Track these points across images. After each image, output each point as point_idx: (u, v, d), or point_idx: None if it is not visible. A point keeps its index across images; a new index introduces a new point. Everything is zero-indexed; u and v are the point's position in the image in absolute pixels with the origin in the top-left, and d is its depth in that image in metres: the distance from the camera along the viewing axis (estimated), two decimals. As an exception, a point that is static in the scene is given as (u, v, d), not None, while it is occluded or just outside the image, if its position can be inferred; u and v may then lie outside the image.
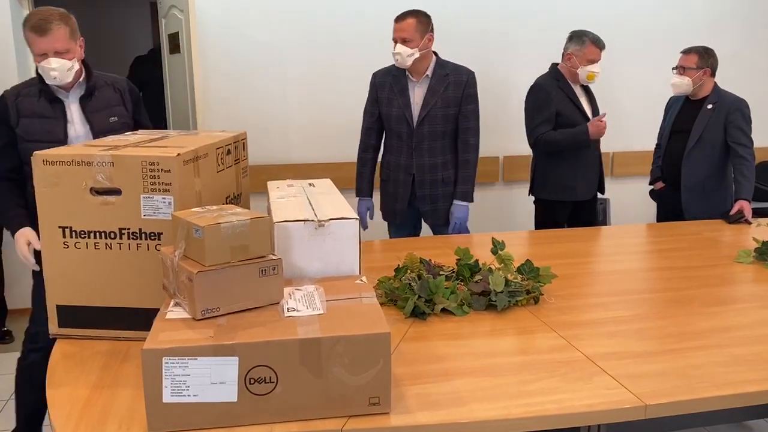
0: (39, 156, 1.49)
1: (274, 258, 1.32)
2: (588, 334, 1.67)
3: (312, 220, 1.48)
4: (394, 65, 2.92)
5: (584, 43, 3.13)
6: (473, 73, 2.94)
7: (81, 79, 2.20)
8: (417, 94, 2.91)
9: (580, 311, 1.84)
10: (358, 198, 3.06)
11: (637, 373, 1.45)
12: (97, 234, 1.51)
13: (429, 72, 2.90)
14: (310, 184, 1.90)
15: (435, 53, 2.94)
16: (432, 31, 2.88)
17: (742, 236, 2.69)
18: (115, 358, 1.49)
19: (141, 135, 1.81)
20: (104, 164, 1.48)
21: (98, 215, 1.50)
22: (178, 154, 1.47)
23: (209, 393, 1.17)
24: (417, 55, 2.82)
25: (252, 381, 1.18)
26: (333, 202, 1.67)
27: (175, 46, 3.85)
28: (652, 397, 1.35)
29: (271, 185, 1.87)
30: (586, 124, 3.10)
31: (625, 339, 1.64)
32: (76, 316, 1.56)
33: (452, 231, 2.97)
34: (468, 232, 3.01)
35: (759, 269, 2.23)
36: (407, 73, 2.90)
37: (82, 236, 1.52)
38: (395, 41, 2.84)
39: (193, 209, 1.39)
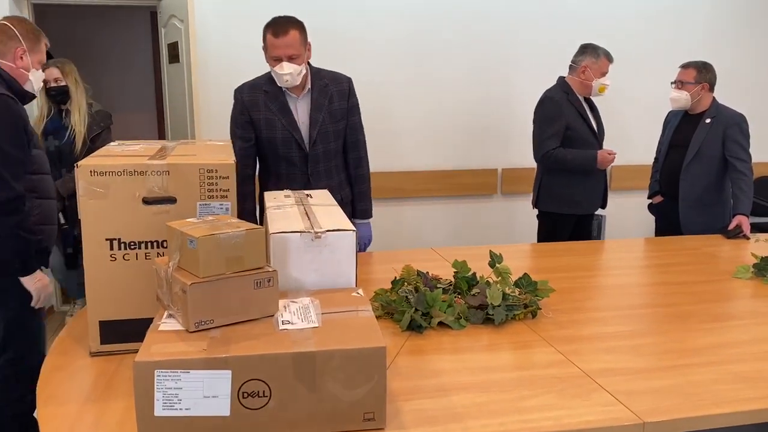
0: (85, 167, 1.44)
1: (269, 270, 1.30)
2: (586, 350, 1.65)
3: (309, 232, 1.47)
4: (260, 78, 2.59)
5: (599, 56, 3.18)
6: (351, 79, 2.65)
7: None
8: (301, 112, 2.57)
9: (578, 326, 1.82)
10: None
11: (635, 389, 1.44)
12: (149, 244, 1.49)
13: (308, 85, 2.56)
14: (307, 195, 1.89)
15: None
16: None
17: (740, 251, 2.68)
18: (107, 370, 1.47)
19: (144, 145, 1.78)
20: (159, 173, 1.46)
21: (150, 225, 1.48)
22: (234, 161, 1.50)
23: (202, 406, 1.15)
24: (304, 71, 2.49)
25: (245, 395, 1.16)
26: (330, 213, 1.66)
27: (174, 56, 3.85)
28: (650, 414, 1.33)
29: (268, 195, 1.86)
30: (597, 151, 3.13)
31: (623, 355, 1.63)
32: (120, 331, 1.53)
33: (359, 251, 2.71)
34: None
35: (758, 285, 2.22)
36: (284, 88, 2.54)
37: (132, 247, 1.49)
38: (279, 59, 2.43)
39: (187, 219, 1.38)
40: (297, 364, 1.17)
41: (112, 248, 1.49)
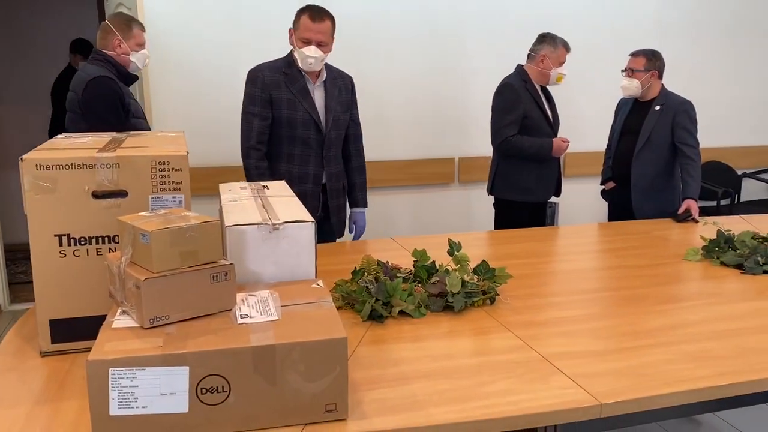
0: (30, 160, 1.38)
1: (225, 263, 1.28)
2: (543, 334, 1.68)
3: (266, 224, 1.45)
4: (276, 62, 2.71)
5: (557, 45, 3.21)
6: (352, 77, 2.87)
7: None
8: (317, 97, 2.71)
9: (535, 311, 1.85)
10: None
11: (592, 372, 1.47)
12: (100, 239, 1.45)
13: (324, 74, 2.73)
14: (264, 187, 1.86)
15: None
16: None
17: (689, 234, 2.76)
18: (59, 370, 1.43)
19: (93, 137, 1.72)
20: (109, 166, 1.42)
21: (101, 219, 1.44)
22: (187, 152, 1.46)
23: (159, 404, 1.13)
24: (326, 60, 2.69)
25: (204, 391, 1.14)
26: (287, 204, 1.64)
27: (123, 45, 3.74)
28: (607, 396, 1.36)
29: (223, 187, 1.83)
30: (552, 139, 3.17)
31: (579, 338, 1.66)
32: (71, 329, 1.48)
33: (355, 239, 2.92)
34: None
35: (707, 266, 2.29)
36: (303, 73, 2.68)
37: (83, 243, 1.44)
38: (308, 42, 2.59)
39: (139, 213, 1.34)
40: (256, 357, 1.15)
41: (61, 244, 1.44)
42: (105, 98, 2.63)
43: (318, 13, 2.61)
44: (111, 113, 2.62)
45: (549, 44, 3.21)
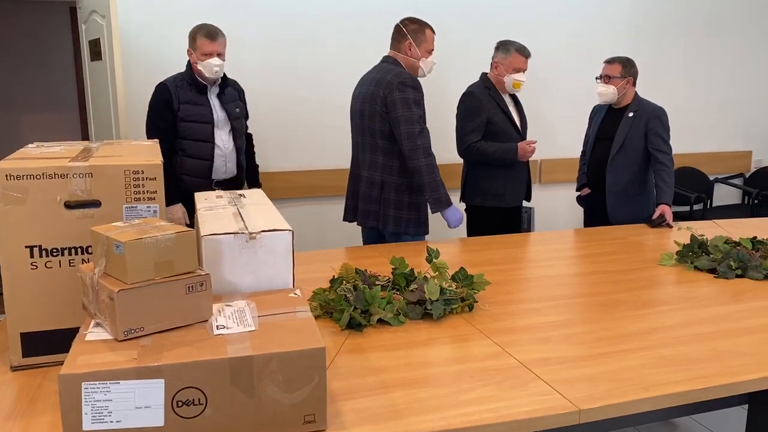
0: (0, 170, 1.35)
1: (201, 273, 1.26)
2: (521, 340, 1.69)
3: (243, 233, 1.43)
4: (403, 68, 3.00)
5: (509, 51, 3.21)
6: None
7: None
8: None
9: (513, 317, 1.85)
10: (451, 207, 2.89)
11: (570, 378, 1.47)
12: (73, 250, 1.42)
13: None
14: (240, 195, 1.84)
15: None
16: None
17: (664, 239, 2.80)
18: (31, 384, 1.39)
19: (65, 146, 1.69)
20: (82, 176, 1.40)
21: (74, 230, 1.41)
22: (161, 161, 1.45)
23: (134, 418, 1.11)
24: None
25: (180, 404, 1.12)
26: (265, 213, 1.62)
27: (96, 53, 3.69)
28: (585, 401, 1.36)
29: (199, 196, 1.81)
30: (517, 144, 3.18)
31: (557, 344, 1.67)
32: (43, 343, 1.45)
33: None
34: None
35: (681, 271, 2.32)
36: None
37: (54, 254, 1.42)
38: (431, 52, 3.03)
39: (113, 223, 1.32)
40: (233, 369, 1.13)
41: (32, 256, 1.41)
42: (151, 105, 3.08)
43: None
44: (150, 117, 3.07)
45: (501, 51, 3.24)
